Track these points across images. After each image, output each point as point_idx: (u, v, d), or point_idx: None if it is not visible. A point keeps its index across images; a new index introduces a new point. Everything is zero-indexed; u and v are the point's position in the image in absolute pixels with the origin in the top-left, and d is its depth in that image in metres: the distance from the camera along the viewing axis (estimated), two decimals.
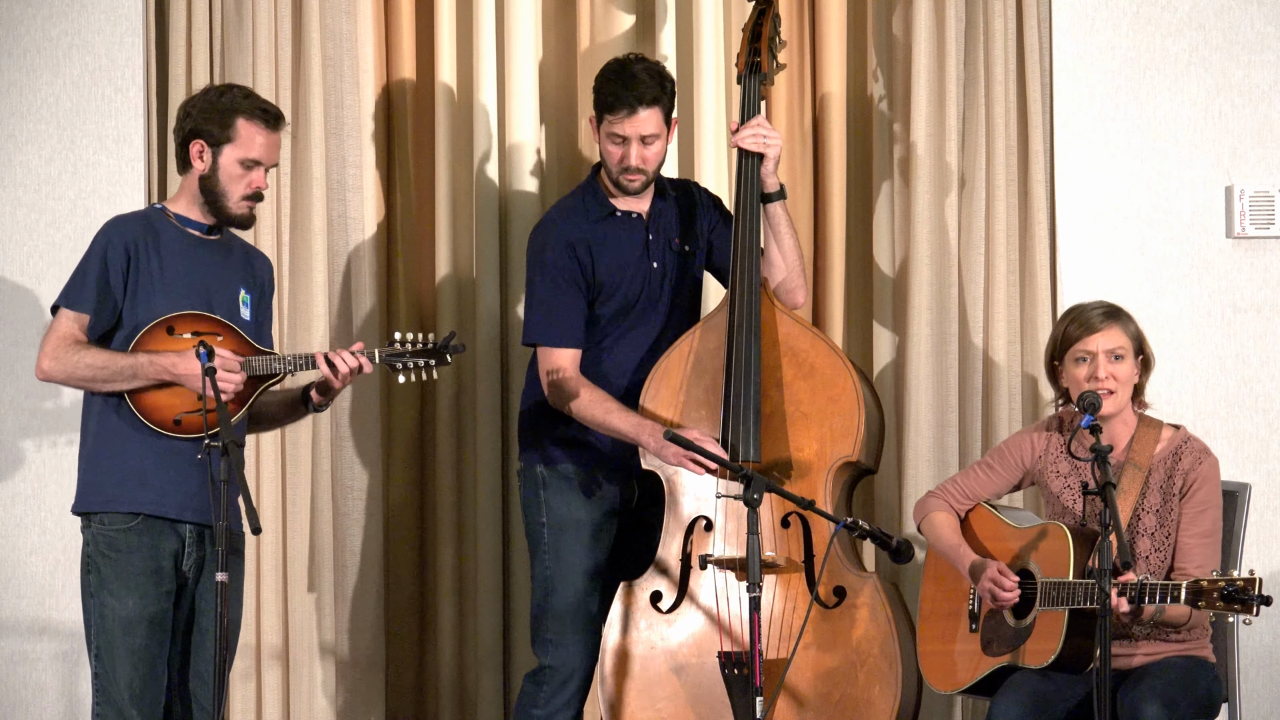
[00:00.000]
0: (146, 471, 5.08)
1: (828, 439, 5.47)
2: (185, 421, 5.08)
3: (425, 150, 6.22)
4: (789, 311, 5.57)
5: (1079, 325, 5.22)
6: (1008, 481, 5.39)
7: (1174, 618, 5.07)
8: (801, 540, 5.43)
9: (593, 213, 5.54)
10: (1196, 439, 5.25)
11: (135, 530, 5.07)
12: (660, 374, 5.52)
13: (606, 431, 5.45)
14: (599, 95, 5.47)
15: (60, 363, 5.07)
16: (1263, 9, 6.15)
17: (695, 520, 5.48)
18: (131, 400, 5.07)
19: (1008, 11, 6.09)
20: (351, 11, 6.12)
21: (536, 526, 5.55)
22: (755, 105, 5.60)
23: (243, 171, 5.14)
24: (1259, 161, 6.15)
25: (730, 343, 5.46)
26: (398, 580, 6.21)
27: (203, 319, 5.13)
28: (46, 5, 6.10)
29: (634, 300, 5.55)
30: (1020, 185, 6.13)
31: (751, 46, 5.66)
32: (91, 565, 5.09)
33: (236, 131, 5.13)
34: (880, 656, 5.38)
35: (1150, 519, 5.20)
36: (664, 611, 5.46)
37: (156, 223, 5.17)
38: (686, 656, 5.44)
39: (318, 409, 5.29)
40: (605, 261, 5.51)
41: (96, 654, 5.08)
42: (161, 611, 5.09)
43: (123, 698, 5.05)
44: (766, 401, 5.47)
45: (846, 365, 5.51)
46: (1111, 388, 5.17)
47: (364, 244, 6.10)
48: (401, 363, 5.21)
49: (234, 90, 5.20)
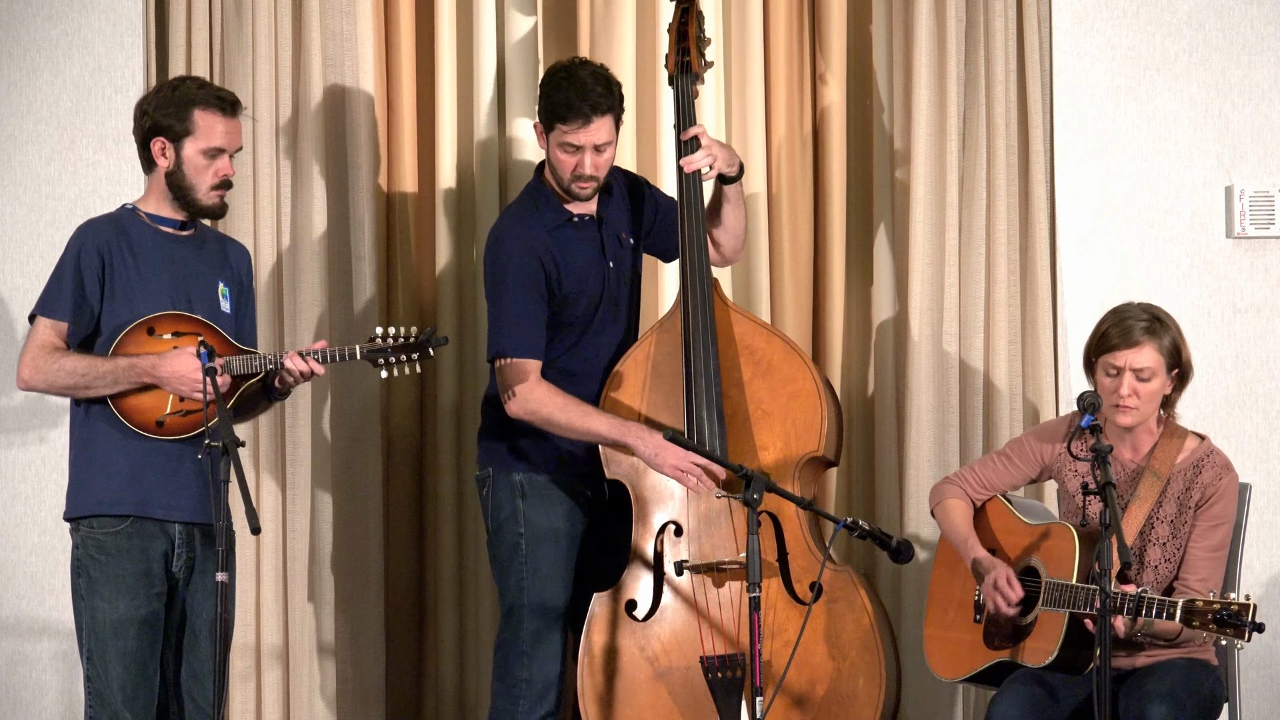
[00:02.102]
0: (133, 474, 5.07)
1: (792, 435, 5.46)
2: (168, 424, 5.07)
3: (425, 150, 6.21)
4: (742, 310, 5.57)
5: (1118, 333, 5.17)
6: (1025, 475, 5.39)
7: (1163, 632, 5.07)
8: (774, 540, 5.42)
9: (548, 220, 5.49)
10: (1220, 452, 5.24)
11: (124, 533, 5.07)
12: (617, 380, 5.49)
13: (587, 437, 5.40)
14: (549, 104, 5.40)
15: (40, 372, 5.06)
16: (1263, 9, 6.15)
17: (664, 526, 5.46)
18: (113, 404, 5.06)
19: (1008, 11, 6.09)
20: (351, 11, 6.12)
21: (511, 536, 5.48)
22: (691, 106, 5.58)
23: (207, 161, 5.13)
24: (1259, 161, 6.15)
25: (687, 346, 5.44)
26: (398, 581, 6.20)
27: (183, 319, 5.12)
28: (46, 5, 6.10)
29: (597, 302, 5.51)
30: (1020, 185, 6.13)
31: (680, 46, 5.63)
32: (81, 569, 5.08)
33: (195, 123, 5.12)
34: (862, 649, 5.38)
35: (1164, 528, 5.19)
36: (640, 619, 5.44)
37: (128, 224, 5.15)
38: (667, 663, 5.41)
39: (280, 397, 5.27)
40: (569, 270, 5.47)
41: (88, 657, 5.07)
42: (153, 613, 5.09)
43: (115, 700, 5.05)
44: (727, 402, 5.45)
45: (804, 360, 5.50)
46: (1132, 405, 5.15)
47: (364, 244, 6.09)
48: (383, 358, 5.19)
49: (187, 82, 5.18)
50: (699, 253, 5.49)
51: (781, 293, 6.14)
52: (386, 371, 5.21)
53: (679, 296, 5.51)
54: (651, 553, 5.45)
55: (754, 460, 5.43)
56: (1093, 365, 5.24)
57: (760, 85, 6.13)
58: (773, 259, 6.14)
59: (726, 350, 5.48)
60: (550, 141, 5.44)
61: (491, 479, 5.52)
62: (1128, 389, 5.15)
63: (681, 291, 5.49)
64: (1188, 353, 5.23)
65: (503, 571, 5.50)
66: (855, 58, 6.23)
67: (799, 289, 6.15)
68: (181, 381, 5.02)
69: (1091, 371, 5.26)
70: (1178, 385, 5.23)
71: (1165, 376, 5.18)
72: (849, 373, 6.19)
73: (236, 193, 6.04)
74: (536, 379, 5.41)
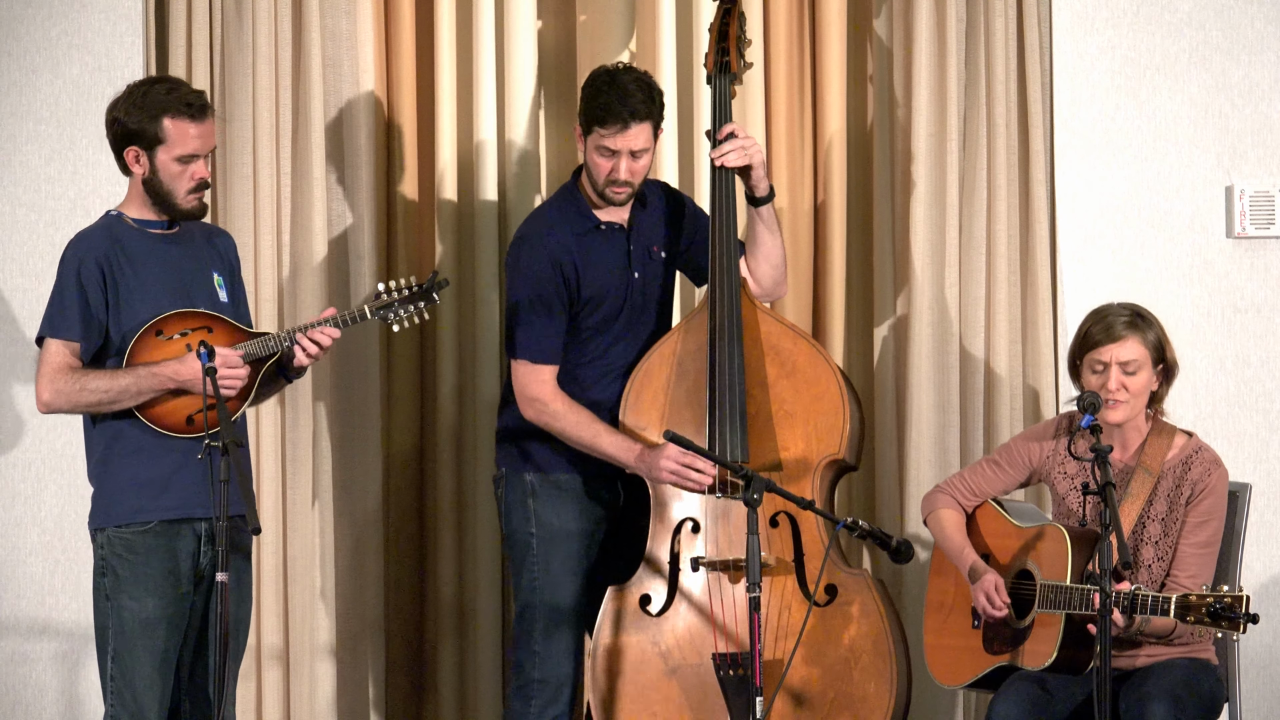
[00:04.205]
0: (167, 478, 5.06)
1: (814, 437, 5.46)
2: (198, 420, 5.07)
3: (425, 150, 6.22)
4: (769, 311, 5.57)
5: (1101, 329, 5.20)
6: (1015, 479, 5.39)
7: (1158, 629, 5.08)
8: (791, 540, 5.43)
9: (576, 225, 5.49)
10: (1209, 448, 5.25)
11: (153, 532, 5.06)
12: (642, 376, 5.50)
13: (594, 453, 5.41)
14: (589, 106, 5.41)
15: (62, 394, 5.03)
16: (1263, 9, 6.15)
17: (682, 522, 5.47)
18: (139, 411, 5.05)
19: (1008, 11, 6.09)
20: (351, 11, 6.12)
21: (524, 536, 5.49)
22: (727, 105, 5.59)
23: (182, 167, 5.10)
24: (1259, 161, 6.15)
25: (712, 344, 5.45)
26: (398, 581, 6.20)
27: (189, 315, 5.11)
28: (46, 5, 6.10)
29: (618, 311, 5.51)
30: (1020, 185, 6.13)
31: (719, 46, 5.63)
32: (107, 568, 5.07)
33: (166, 132, 5.08)
34: (874, 653, 5.38)
35: (1155, 527, 5.20)
36: (654, 615, 5.44)
37: (119, 231, 5.13)
38: (679, 659, 5.42)
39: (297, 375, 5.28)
40: (589, 276, 5.47)
41: (113, 656, 5.05)
42: (179, 612, 5.09)
43: (143, 699, 5.04)
44: (751, 402, 5.46)
45: (829, 363, 5.51)
46: (1122, 399, 5.16)
47: (364, 244, 6.09)
48: (392, 312, 5.21)
49: (156, 87, 5.12)
50: (728, 251, 5.48)
51: None
52: (397, 325, 5.24)
53: (706, 293, 5.52)
54: (668, 548, 5.45)
55: (775, 460, 5.44)
56: (1078, 368, 5.25)
57: (760, 85, 6.13)
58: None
59: (752, 350, 5.49)
60: (588, 144, 5.44)
61: (505, 479, 5.54)
62: (1115, 383, 5.16)
63: (710, 288, 5.49)
64: (1172, 349, 5.25)
65: (516, 571, 5.52)
66: (855, 58, 6.23)
67: (799, 289, 6.15)
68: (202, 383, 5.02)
69: (1077, 375, 5.26)
70: (1164, 380, 5.24)
71: (1151, 371, 5.19)
72: (849, 373, 6.18)
73: (237, 192, 6.06)
74: (554, 388, 5.43)
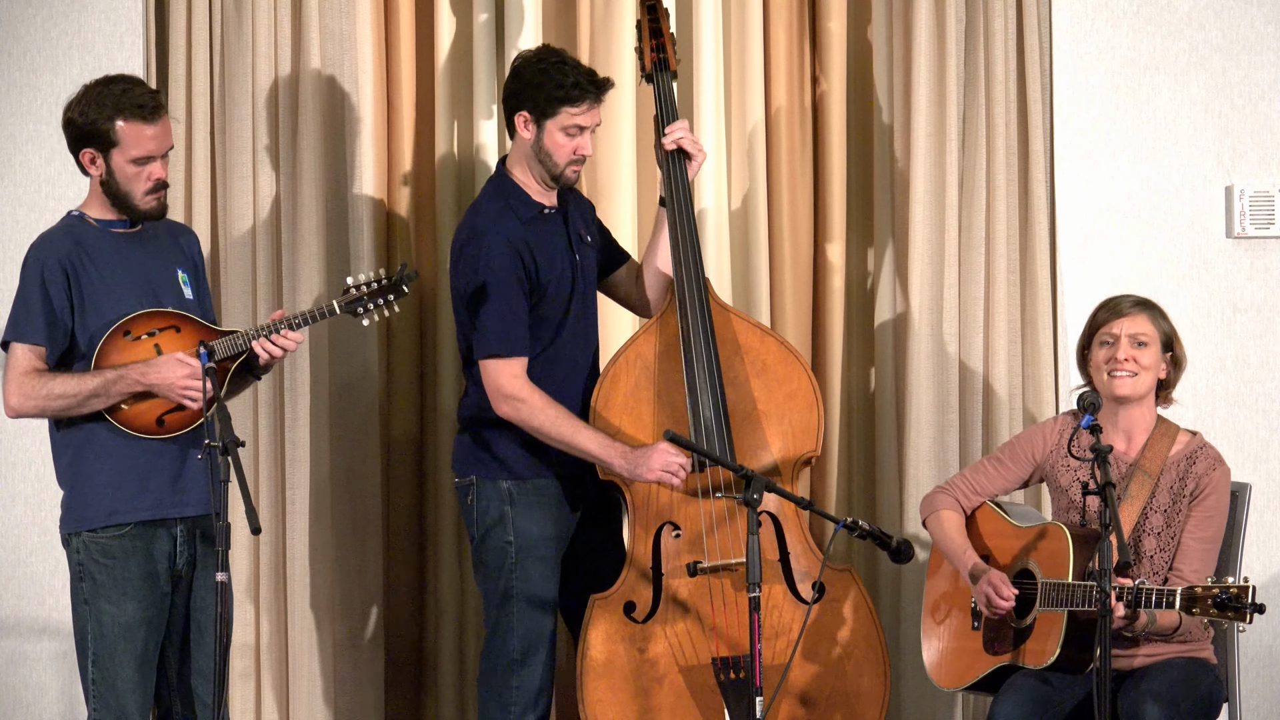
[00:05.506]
0: (141, 479, 5.05)
1: (789, 435, 5.46)
2: (169, 421, 5.06)
3: (425, 150, 6.21)
4: (735, 310, 5.56)
5: (1108, 310, 5.26)
6: (1018, 477, 5.39)
7: (1164, 626, 5.08)
8: (775, 540, 5.42)
9: (521, 213, 5.44)
10: (1212, 447, 5.25)
11: (129, 536, 5.05)
12: (609, 380, 5.46)
13: (572, 451, 5.36)
14: (551, 89, 5.35)
15: (29, 398, 5.01)
16: (1263, 9, 6.16)
17: (662, 527, 5.44)
18: (110, 415, 5.04)
19: (1008, 11, 6.09)
20: (351, 11, 6.12)
21: (500, 544, 5.42)
22: (673, 101, 5.59)
23: (138, 169, 5.07)
24: (1259, 161, 6.16)
25: (686, 344, 5.43)
26: (397, 581, 6.20)
27: (156, 315, 5.09)
28: (46, 5, 6.11)
29: (568, 297, 5.46)
30: (1020, 185, 6.13)
31: (655, 44, 5.63)
32: (85, 573, 5.05)
33: (119, 135, 5.04)
34: (866, 647, 5.39)
35: (1158, 518, 5.20)
36: (639, 622, 5.42)
37: (81, 232, 5.10)
38: (668, 666, 5.40)
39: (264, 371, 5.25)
40: (543, 261, 5.42)
41: (93, 660, 5.04)
42: (159, 614, 5.08)
43: (124, 703, 5.03)
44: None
45: (798, 359, 5.50)
46: (1132, 369, 5.18)
47: (363, 244, 6.09)
48: (361, 306, 5.18)
49: (110, 87, 5.07)
50: (691, 246, 5.47)
51: (781, 292, 6.14)
52: (367, 319, 5.20)
53: (671, 292, 5.49)
54: (650, 554, 5.43)
55: (754, 460, 5.43)
56: (1086, 356, 5.26)
57: (760, 85, 6.13)
58: (773, 259, 6.14)
59: (721, 350, 5.47)
60: (548, 128, 5.39)
61: (476, 486, 5.47)
62: (1125, 353, 5.18)
63: (676, 286, 5.47)
64: (1180, 343, 5.26)
65: (490, 580, 5.46)
66: (855, 58, 6.23)
67: (799, 289, 6.15)
68: (171, 389, 5.00)
69: (1086, 365, 5.27)
70: (1173, 369, 5.25)
71: (1160, 354, 5.20)
72: (849, 373, 6.19)
73: (236, 192, 6.06)
74: (527, 381, 5.36)
